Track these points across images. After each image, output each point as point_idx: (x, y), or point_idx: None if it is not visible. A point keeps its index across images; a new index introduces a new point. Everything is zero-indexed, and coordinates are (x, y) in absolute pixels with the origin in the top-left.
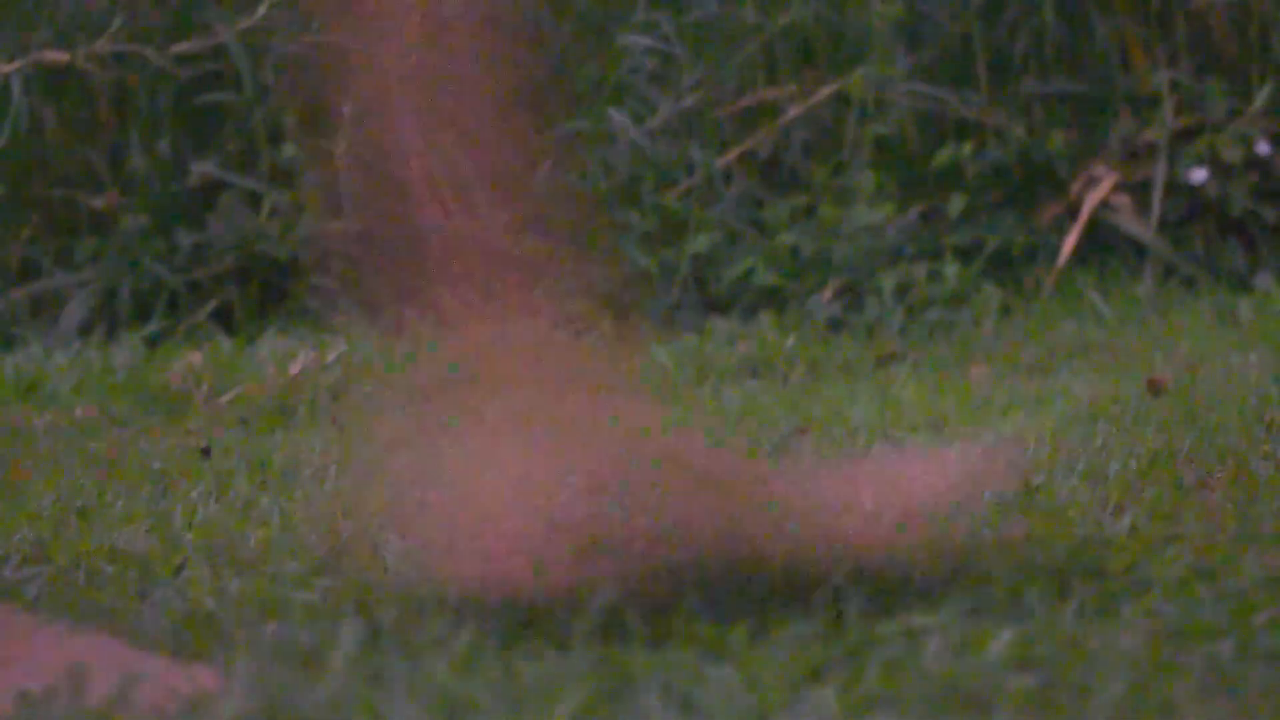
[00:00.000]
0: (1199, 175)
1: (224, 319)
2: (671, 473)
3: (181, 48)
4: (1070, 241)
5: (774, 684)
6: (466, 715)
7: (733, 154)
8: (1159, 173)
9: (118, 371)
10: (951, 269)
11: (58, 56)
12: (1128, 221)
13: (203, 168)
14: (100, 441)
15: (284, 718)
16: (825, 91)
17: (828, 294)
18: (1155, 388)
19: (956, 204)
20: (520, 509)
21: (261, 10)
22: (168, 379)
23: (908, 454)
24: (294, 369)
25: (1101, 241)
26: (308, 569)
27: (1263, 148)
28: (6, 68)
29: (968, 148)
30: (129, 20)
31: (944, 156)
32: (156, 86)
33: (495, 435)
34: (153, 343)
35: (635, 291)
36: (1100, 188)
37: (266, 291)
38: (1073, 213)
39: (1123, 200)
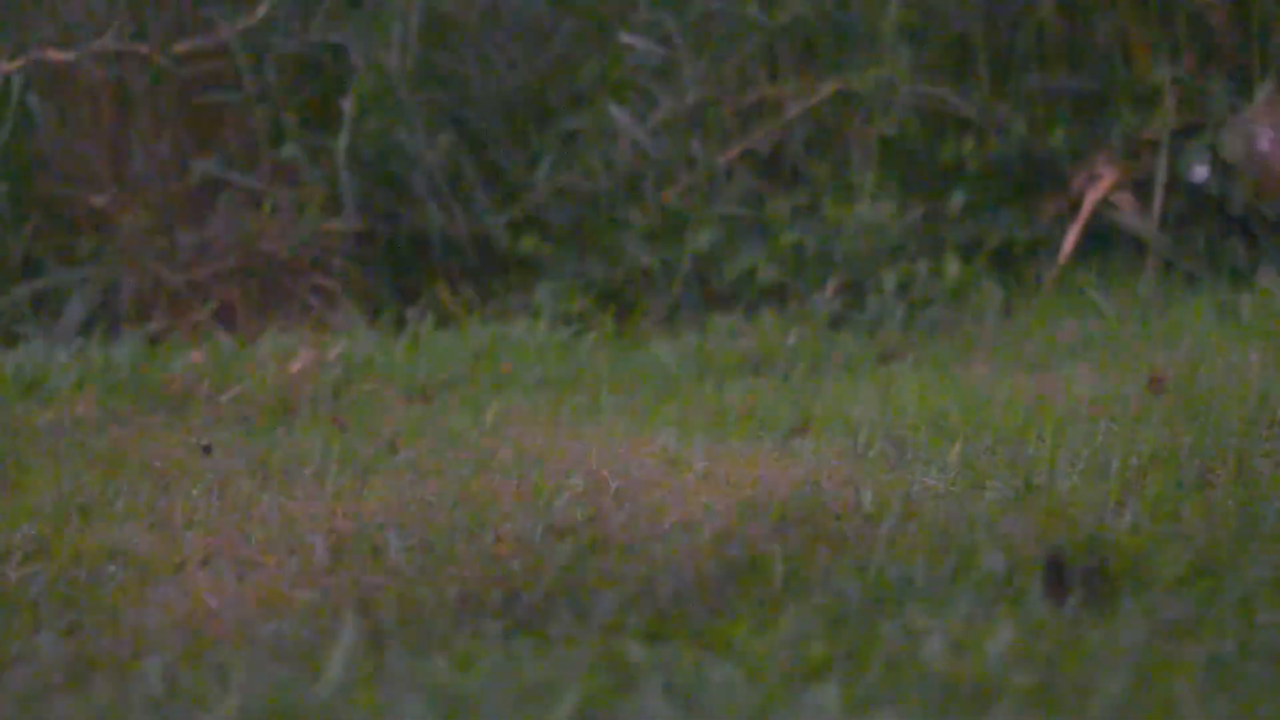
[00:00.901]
0: (1200, 172)
1: (225, 317)
2: None
3: (182, 47)
4: (1071, 238)
5: (776, 680)
6: (466, 715)
7: (734, 151)
8: (1160, 169)
9: (119, 369)
10: (953, 266)
11: (59, 55)
12: (1129, 218)
13: (203, 167)
14: (101, 439)
15: (284, 718)
16: (827, 89)
17: (829, 291)
18: (1156, 385)
19: (958, 201)
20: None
21: (262, 9)
22: (169, 377)
23: None
24: (295, 367)
25: (1103, 238)
26: (308, 569)
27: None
28: (8, 66)
29: (969, 144)
30: (129, 20)
31: (946, 153)
32: (156, 86)
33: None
34: (154, 341)
35: (637, 288)
36: (1101, 184)
37: (267, 290)
38: (1074, 209)
39: (1124, 197)
